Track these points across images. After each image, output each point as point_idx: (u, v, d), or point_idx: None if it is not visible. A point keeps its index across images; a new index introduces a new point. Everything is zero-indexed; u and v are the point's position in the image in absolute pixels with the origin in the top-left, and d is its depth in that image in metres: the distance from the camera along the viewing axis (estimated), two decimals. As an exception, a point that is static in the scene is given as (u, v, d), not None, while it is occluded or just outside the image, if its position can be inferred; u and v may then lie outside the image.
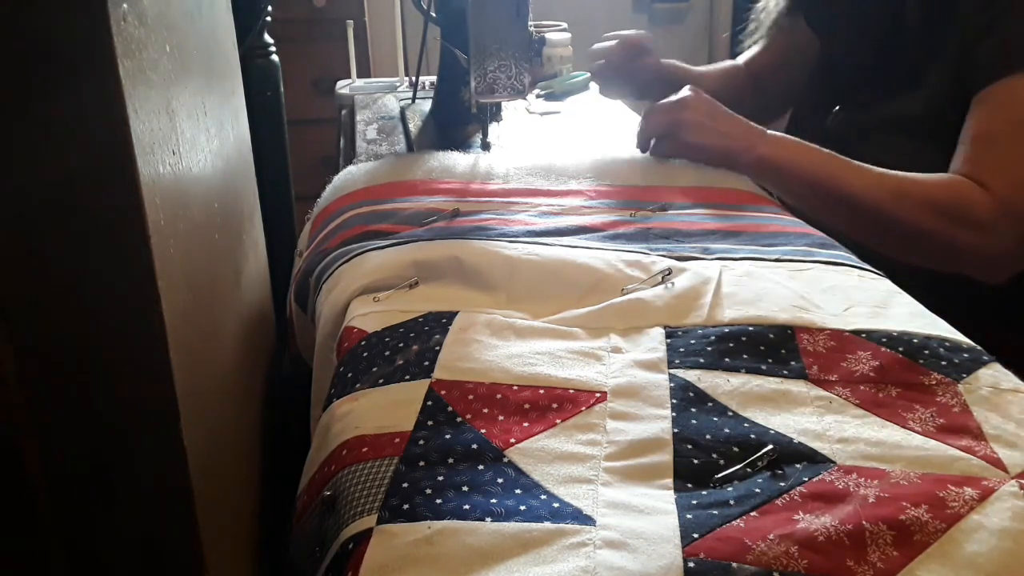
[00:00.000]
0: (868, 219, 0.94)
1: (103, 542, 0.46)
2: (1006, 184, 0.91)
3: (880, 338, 0.64)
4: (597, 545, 0.45)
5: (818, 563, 0.44)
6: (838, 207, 0.95)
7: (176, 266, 0.47)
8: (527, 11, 0.97)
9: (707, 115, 0.98)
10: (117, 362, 0.43)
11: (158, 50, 0.48)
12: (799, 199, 0.98)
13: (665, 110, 1.00)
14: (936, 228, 0.92)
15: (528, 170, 0.99)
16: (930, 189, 0.93)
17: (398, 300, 0.70)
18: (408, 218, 0.84)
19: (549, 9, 2.31)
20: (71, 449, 0.44)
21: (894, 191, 0.93)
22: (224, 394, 0.62)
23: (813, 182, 0.95)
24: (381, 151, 1.15)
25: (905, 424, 0.55)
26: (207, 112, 0.64)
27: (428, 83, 1.45)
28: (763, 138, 0.98)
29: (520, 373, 0.59)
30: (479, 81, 0.98)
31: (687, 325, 0.66)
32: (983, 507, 0.48)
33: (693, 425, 0.55)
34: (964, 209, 0.91)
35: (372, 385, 0.60)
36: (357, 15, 2.30)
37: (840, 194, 0.94)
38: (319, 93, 2.27)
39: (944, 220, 0.92)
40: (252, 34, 1.19)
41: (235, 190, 0.78)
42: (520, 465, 0.51)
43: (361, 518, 0.48)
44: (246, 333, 0.77)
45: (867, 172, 0.95)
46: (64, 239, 0.41)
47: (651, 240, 0.79)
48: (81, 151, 0.40)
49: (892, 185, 0.94)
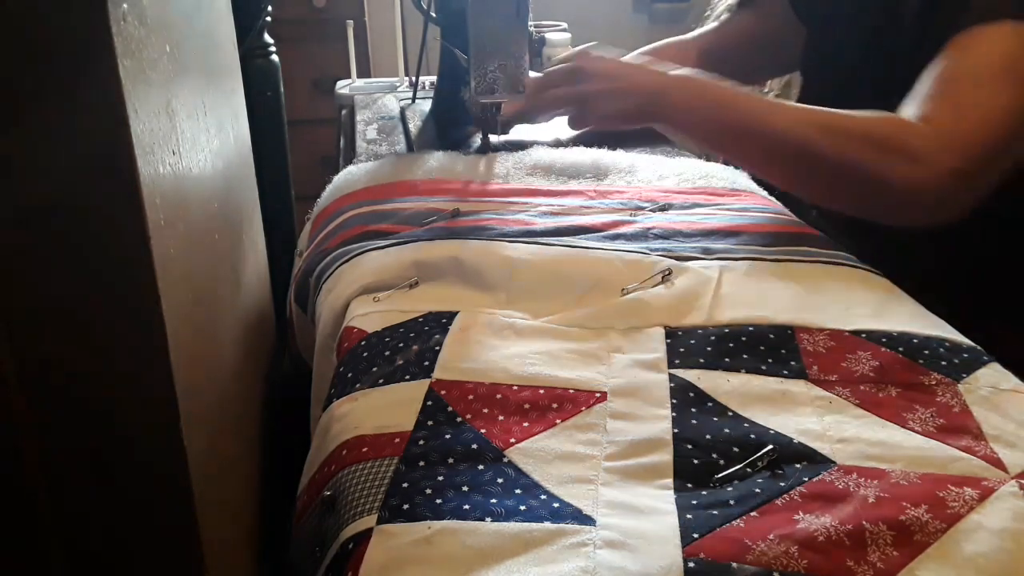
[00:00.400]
0: (792, 155, 0.88)
1: (103, 542, 0.46)
2: (954, 119, 0.85)
3: (880, 338, 0.64)
4: (597, 545, 0.45)
5: (818, 563, 0.44)
6: (759, 145, 0.89)
7: (176, 266, 0.47)
8: (527, 11, 0.97)
9: (609, 78, 0.93)
10: (117, 362, 0.43)
11: (158, 50, 0.48)
12: (720, 147, 0.94)
13: (563, 83, 0.94)
14: (864, 158, 0.85)
15: (528, 170, 0.99)
16: (862, 121, 0.88)
17: (398, 300, 0.70)
18: (408, 218, 0.84)
19: (549, 9, 2.31)
20: (71, 449, 0.44)
21: (821, 125, 0.87)
22: (224, 394, 0.63)
23: (731, 127, 0.90)
24: (381, 151, 1.15)
25: (905, 424, 0.55)
26: (207, 112, 0.64)
27: (428, 83, 1.45)
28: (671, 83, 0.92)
29: (520, 373, 0.59)
30: (479, 81, 0.98)
31: (687, 325, 0.66)
32: (983, 507, 0.48)
33: (693, 425, 0.55)
34: (897, 140, 0.86)
35: (372, 385, 0.60)
36: (357, 15, 2.30)
37: (762, 131, 0.88)
38: (319, 93, 2.27)
39: (873, 150, 0.86)
40: (252, 34, 1.19)
41: (235, 190, 0.78)
42: (520, 465, 0.51)
43: (361, 518, 0.48)
44: (246, 333, 0.77)
45: (790, 108, 0.90)
46: (64, 239, 0.41)
47: (651, 240, 0.79)
48: (81, 151, 0.40)
49: (819, 119, 0.88)
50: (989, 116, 0.85)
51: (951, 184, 0.84)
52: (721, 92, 0.92)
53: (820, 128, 0.88)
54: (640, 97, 0.92)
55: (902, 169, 0.85)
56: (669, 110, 0.92)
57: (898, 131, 0.87)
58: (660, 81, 0.92)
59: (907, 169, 0.85)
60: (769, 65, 1.25)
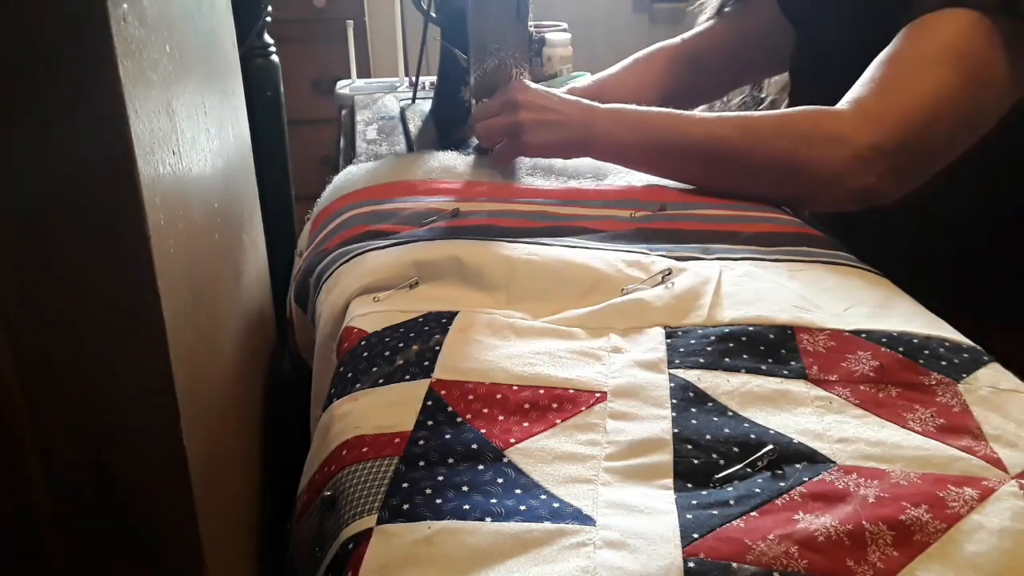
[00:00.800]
0: (713, 158, 0.90)
1: (103, 542, 0.46)
2: (878, 98, 0.86)
3: (880, 338, 0.64)
4: (597, 545, 0.45)
5: (818, 563, 0.44)
6: (681, 155, 0.92)
7: (176, 266, 0.47)
8: (527, 11, 0.97)
9: (540, 109, 0.95)
10: (117, 362, 0.43)
11: (158, 50, 0.48)
12: (649, 165, 0.96)
13: (498, 114, 0.97)
14: (782, 148, 0.87)
15: (528, 170, 0.99)
16: (778, 116, 0.90)
17: (398, 300, 0.70)
18: (408, 218, 0.84)
19: (549, 9, 2.31)
20: (71, 449, 0.44)
21: (737, 126, 0.90)
22: (224, 394, 0.62)
23: (656, 143, 0.93)
24: (381, 151, 1.15)
25: (905, 424, 0.55)
26: (207, 112, 0.64)
27: (428, 83, 1.45)
28: (599, 114, 0.95)
29: (520, 373, 0.60)
30: (479, 81, 0.98)
31: (687, 325, 0.66)
32: (983, 507, 0.48)
33: (693, 425, 0.55)
34: (814, 126, 0.87)
35: (372, 385, 0.60)
36: (357, 15, 2.30)
37: (681, 142, 0.91)
38: (319, 93, 2.27)
39: (791, 139, 0.87)
40: (252, 34, 1.19)
41: (235, 190, 0.78)
42: (520, 465, 0.51)
43: (361, 518, 0.48)
44: (246, 333, 0.77)
45: (708, 118, 0.92)
46: (64, 239, 0.41)
47: (651, 240, 0.79)
48: (81, 151, 0.40)
49: (736, 122, 0.91)
50: (916, 94, 0.85)
51: (871, 160, 0.84)
52: (641, 115, 0.95)
53: (737, 128, 0.90)
54: (571, 129, 0.94)
55: (821, 152, 0.86)
56: (597, 139, 0.94)
57: (815, 119, 0.88)
58: (588, 115, 0.95)
59: (825, 152, 0.86)
60: (760, 66, 1.25)
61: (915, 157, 0.87)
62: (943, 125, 0.86)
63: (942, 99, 0.85)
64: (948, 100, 0.85)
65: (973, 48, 0.85)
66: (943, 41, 0.86)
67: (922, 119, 0.85)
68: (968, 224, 1.01)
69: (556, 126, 0.94)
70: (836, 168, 0.85)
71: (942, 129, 0.86)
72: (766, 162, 0.88)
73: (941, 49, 0.86)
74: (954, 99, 0.85)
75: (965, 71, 0.85)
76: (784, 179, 0.89)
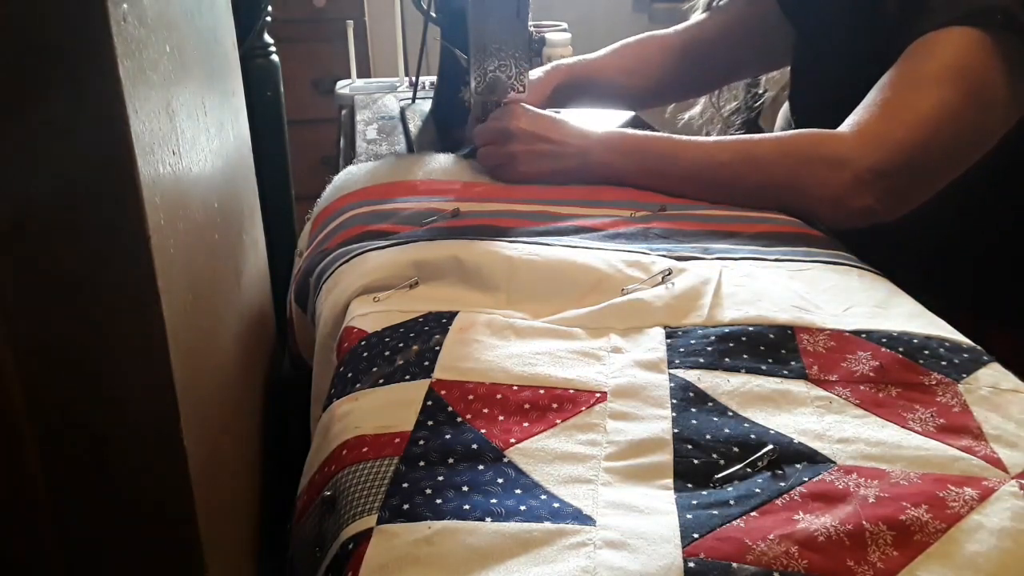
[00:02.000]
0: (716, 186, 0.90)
1: (103, 542, 0.46)
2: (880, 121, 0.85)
3: (880, 338, 0.64)
4: (597, 545, 0.45)
5: (818, 563, 0.44)
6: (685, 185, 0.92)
7: (176, 266, 0.47)
8: (527, 11, 0.97)
9: (534, 139, 0.95)
10: (117, 362, 0.43)
11: (158, 50, 0.48)
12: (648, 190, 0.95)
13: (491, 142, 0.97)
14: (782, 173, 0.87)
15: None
16: (776, 140, 0.90)
17: (398, 300, 0.70)
18: (408, 218, 0.84)
19: (549, 9, 2.31)
20: (71, 449, 0.44)
21: (735, 151, 0.90)
22: (224, 394, 0.62)
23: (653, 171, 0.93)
24: (381, 151, 1.15)
25: (905, 424, 0.55)
26: (207, 112, 0.64)
27: (428, 83, 1.45)
28: (594, 142, 0.95)
29: (520, 373, 0.59)
30: (479, 81, 0.98)
31: (687, 325, 0.66)
32: (983, 507, 0.48)
33: (693, 425, 0.55)
34: (814, 149, 0.87)
35: (372, 385, 0.60)
36: (357, 15, 2.30)
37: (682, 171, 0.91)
38: (319, 93, 2.27)
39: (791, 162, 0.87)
40: (252, 34, 1.19)
41: (235, 190, 0.78)
42: (520, 465, 0.51)
43: (361, 518, 0.48)
44: (246, 333, 0.77)
45: (704, 142, 0.92)
46: (64, 239, 0.41)
47: (651, 240, 0.79)
48: (81, 151, 0.40)
49: (732, 147, 0.90)
50: (917, 115, 0.85)
51: (871, 182, 0.84)
52: (637, 141, 0.95)
53: (736, 153, 0.90)
54: (566, 160, 0.95)
55: (822, 175, 0.85)
56: (594, 169, 0.94)
57: (815, 141, 0.88)
58: (583, 143, 0.95)
59: (825, 174, 0.85)
60: (754, 60, 1.25)
61: (916, 178, 0.86)
62: (944, 145, 0.86)
63: (944, 119, 0.84)
64: (950, 120, 0.85)
65: (975, 67, 0.85)
66: (945, 60, 0.85)
67: (923, 139, 0.84)
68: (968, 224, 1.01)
69: (551, 157, 0.95)
70: (836, 190, 0.85)
71: (943, 149, 0.86)
72: (765, 186, 0.88)
73: (943, 68, 0.85)
74: (956, 119, 0.85)
75: (967, 90, 0.85)
76: (783, 202, 0.89)
